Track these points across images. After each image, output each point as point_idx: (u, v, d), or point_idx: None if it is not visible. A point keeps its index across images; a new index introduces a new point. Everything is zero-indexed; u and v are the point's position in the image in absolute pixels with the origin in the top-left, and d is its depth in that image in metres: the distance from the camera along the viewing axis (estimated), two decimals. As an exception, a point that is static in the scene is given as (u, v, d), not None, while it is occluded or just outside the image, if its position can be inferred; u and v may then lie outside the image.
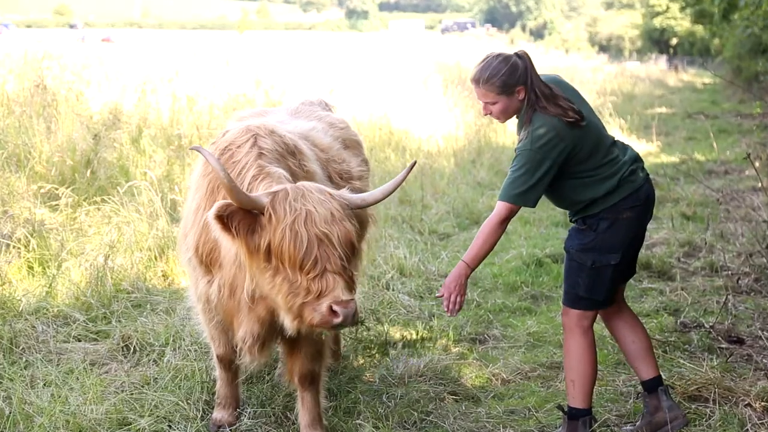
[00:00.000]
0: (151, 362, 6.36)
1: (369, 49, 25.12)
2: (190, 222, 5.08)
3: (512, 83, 5.09)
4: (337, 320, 4.38)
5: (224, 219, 4.43)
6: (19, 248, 8.03)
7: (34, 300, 7.27)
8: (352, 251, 4.56)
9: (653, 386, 5.52)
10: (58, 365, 6.19)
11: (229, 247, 4.65)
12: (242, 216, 4.46)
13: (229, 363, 5.46)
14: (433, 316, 7.69)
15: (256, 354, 4.91)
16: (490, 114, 5.23)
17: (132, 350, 6.55)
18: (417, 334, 7.27)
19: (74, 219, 9.09)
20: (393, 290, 8.28)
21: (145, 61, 18.87)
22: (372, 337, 7.08)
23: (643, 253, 9.43)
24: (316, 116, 6.07)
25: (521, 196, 5.07)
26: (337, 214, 4.50)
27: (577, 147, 5.10)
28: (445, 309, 5.14)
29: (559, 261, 9.46)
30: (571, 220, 5.42)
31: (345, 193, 4.73)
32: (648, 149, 18.88)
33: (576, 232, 5.33)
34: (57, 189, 9.43)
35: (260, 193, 4.56)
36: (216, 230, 4.47)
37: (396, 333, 7.29)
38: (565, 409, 5.47)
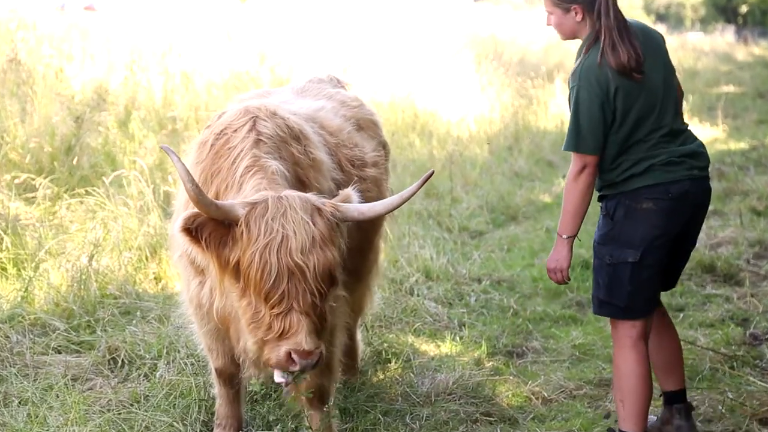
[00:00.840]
0: (141, 377, 6.39)
1: (390, 20, 25.06)
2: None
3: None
4: (294, 368, 4.44)
5: (192, 231, 4.44)
6: (-10, 247, 8.09)
7: (8, 306, 7.32)
8: (329, 283, 4.54)
9: (671, 400, 5.71)
10: (35, 380, 6.23)
11: (201, 259, 4.68)
12: (213, 227, 4.47)
13: (229, 378, 5.48)
14: (464, 326, 7.70)
15: (261, 366, 4.91)
16: (550, 26, 5.41)
17: (120, 364, 6.59)
18: (445, 346, 7.29)
19: (53, 213, 9.13)
20: (418, 296, 8.30)
21: (134, 33, 18.86)
22: (394, 350, 7.10)
23: (706, 254, 9.42)
24: (325, 94, 6.08)
25: (579, 139, 5.22)
26: (318, 239, 4.48)
27: (619, 100, 5.17)
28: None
29: (609, 263, 9.45)
30: (598, 200, 5.55)
31: (338, 204, 4.67)
32: (713, 134, 18.75)
33: (600, 221, 5.47)
34: (33, 179, 9.47)
35: (236, 201, 4.55)
36: (185, 243, 4.50)
37: (421, 345, 7.31)
38: None
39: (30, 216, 9.00)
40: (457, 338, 7.44)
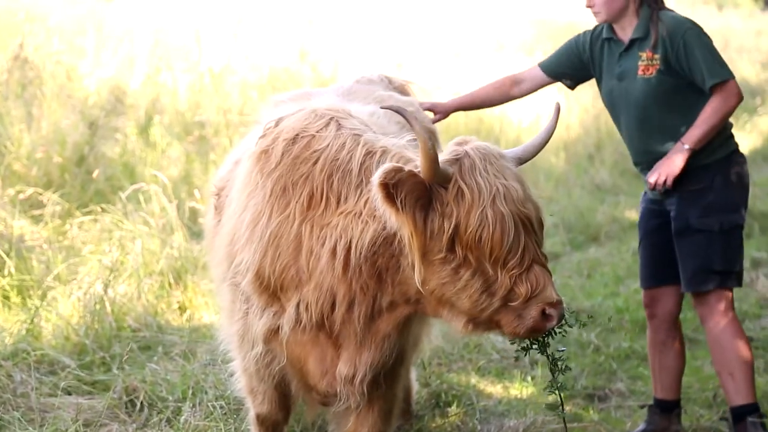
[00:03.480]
0: (163, 422, 6.42)
1: (450, 7, 25.04)
2: (243, 237, 5.02)
3: None
4: (551, 324, 4.56)
5: (389, 187, 4.44)
6: (-9, 272, 8.18)
7: (11, 341, 7.36)
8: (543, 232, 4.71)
9: (670, 408, 6.64)
10: (41, 426, 6.28)
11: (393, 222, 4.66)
12: (412, 187, 4.47)
13: (272, 426, 5.51)
14: (536, 364, 7.68)
15: (364, 390, 4.95)
16: (593, 8, 6.27)
17: (139, 407, 6.62)
18: (514, 388, 7.28)
19: (63, 233, 9.19)
20: (483, 329, 8.28)
21: (156, 25, 19.01)
22: (454, 391, 7.09)
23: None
24: (375, 98, 6.09)
25: (725, 67, 6.14)
26: (525, 184, 4.64)
27: None
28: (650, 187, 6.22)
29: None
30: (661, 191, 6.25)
31: (502, 151, 4.79)
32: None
33: (687, 197, 6.22)
34: (41, 194, 9.53)
35: (442, 161, 4.58)
36: (377, 199, 4.50)
37: (486, 386, 7.30)
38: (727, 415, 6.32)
39: (37, 236, 9.06)
40: (528, 378, 7.44)
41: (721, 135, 6.20)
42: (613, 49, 6.34)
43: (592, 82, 6.64)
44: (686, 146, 6.01)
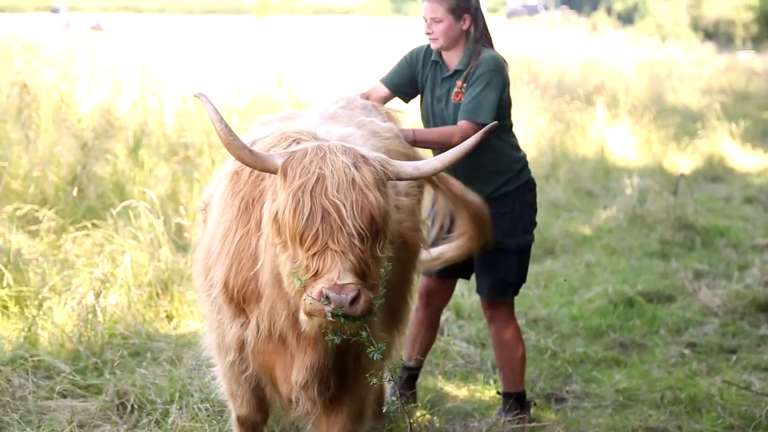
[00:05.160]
0: (152, 423, 6.39)
1: (417, 38, 25.11)
2: (215, 251, 5.08)
3: (463, 7, 6.39)
4: (329, 308, 4.34)
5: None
6: (-9, 283, 8.13)
7: (10, 347, 7.33)
8: (371, 228, 4.51)
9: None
10: (39, 427, 6.25)
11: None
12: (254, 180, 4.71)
13: (252, 427, 5.51)
14: (498, 368, 7.68)
15: (315, 395, 4.92)
16: (432, 36, 6.46)
17: (129, 409, 6.59)
18: (478, 391, 7.27)
19: (58, 247, 9.15)
20: (448, 335, 8.30)
21: (144, 54, 19.05)
22: (421, 394, 7.09)
23: (760, 291, 9.40)
24: (356, 123, 6.08)
25: (492, 115, 6.29)
26: (359, 181, 4.52)
27: (507, 93, 6.58)
28: None
29: (654, 300, 9.44)
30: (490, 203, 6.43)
31: (390, 160, 4.76)
32: (766, 163, 18.72)
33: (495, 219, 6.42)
34: (37, 211, 9.53)
35: (277, 152, 4.67)
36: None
37: (452, 388, 7.30)
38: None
39: (33, 250, 9.05)
40: (491, 381, 7.44)
41: (521, 163, 6.69)
42: (437, 73, 6.59)
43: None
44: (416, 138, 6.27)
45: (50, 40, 19.03)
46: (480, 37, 6.49)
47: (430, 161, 4.94)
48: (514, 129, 6.84)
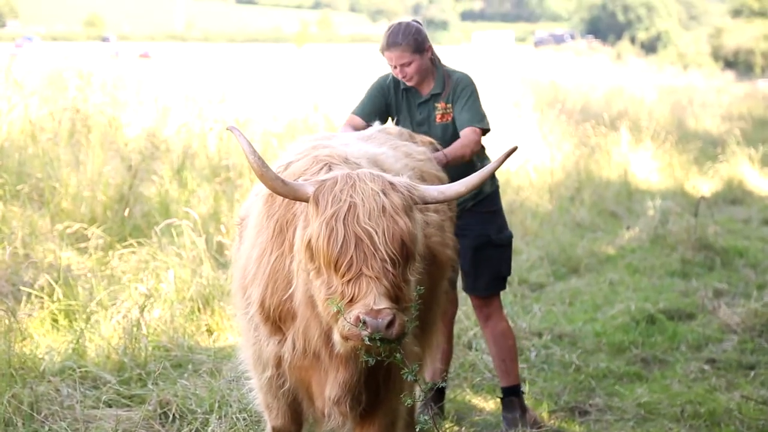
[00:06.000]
0: (192, 432, 6.42)
1: (449, 65, 25.08)
2: (251, 272, 5.08)
3: (422, 41, 6.54)
4: (365, 332, 4.34)
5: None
6: (42, 298, 8.17)
7: (59, 359, 7.36)
8: (402, 253, 4.50)
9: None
10: (85, 435, 6.27)
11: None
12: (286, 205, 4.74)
13: None
14: (524, 382, 7.65)
15: (347, 410, 4.91)
16: (405, 77, 6.59)
17: (171, 418, 6.60)
18: (504, 403, 7.24)
19: (105, 264, 9.21)
20: (476, 350, 8.28)
21: (189, 80, 19.16)
22: (450, 406, 7.06)
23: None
24: (390, 144, 6.08)
25: (487, 120, 6.61)
26: (389, 208, 4.51)
27: None
28: None
29: (675, 318, 9.39)
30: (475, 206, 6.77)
31: (415, 184, 4.75)
32: (786, 187, 18.62)
33: (483, 219, 6.76)
34: (86, 229, 9.58)
35: (308, 181, 4.68)
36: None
37: (479, 401, 7.27)
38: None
39: (82, 266, 9.10)
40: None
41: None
42: (411, 99, 6.71)
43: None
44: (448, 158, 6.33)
45: (100, 67, 19.16)
46: (438, 59, 6.74)
47: (453, 185, 4.90)
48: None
